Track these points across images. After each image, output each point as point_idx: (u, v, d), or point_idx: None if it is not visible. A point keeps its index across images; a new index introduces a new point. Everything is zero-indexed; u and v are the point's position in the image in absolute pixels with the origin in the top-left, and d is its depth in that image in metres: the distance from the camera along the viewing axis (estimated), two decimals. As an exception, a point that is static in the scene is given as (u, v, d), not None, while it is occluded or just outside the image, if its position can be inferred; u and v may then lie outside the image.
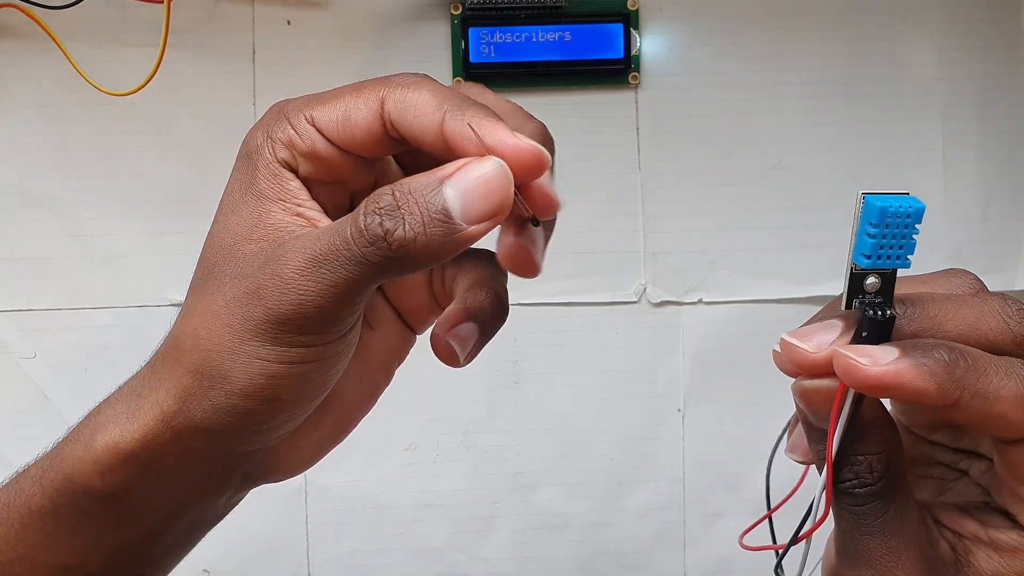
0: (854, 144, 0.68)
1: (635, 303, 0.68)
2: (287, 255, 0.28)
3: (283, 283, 0.28)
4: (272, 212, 0.30)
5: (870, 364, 0.26)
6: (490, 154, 0.28)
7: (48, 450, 0.33)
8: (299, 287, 0.28)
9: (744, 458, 0.68)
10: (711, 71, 0.67)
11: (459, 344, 0.31)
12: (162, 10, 0.60)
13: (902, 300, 0.28)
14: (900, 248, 0.27)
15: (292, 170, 0.30)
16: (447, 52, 0.66)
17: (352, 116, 0.29)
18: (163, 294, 0.65)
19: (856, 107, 0.68)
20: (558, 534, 0.69)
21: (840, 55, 0.68)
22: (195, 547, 0.35)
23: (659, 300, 0.68)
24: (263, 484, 0.34)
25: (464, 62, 0.65)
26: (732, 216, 0.68)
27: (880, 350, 0.26)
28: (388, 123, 0.29)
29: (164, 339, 0.31)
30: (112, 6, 0.65)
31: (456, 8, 0.66)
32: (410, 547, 0.68)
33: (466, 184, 0.27)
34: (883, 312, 0.27)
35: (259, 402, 0.29)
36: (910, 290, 0.29)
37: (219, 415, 0.29)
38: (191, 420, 0.30)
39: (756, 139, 0.68)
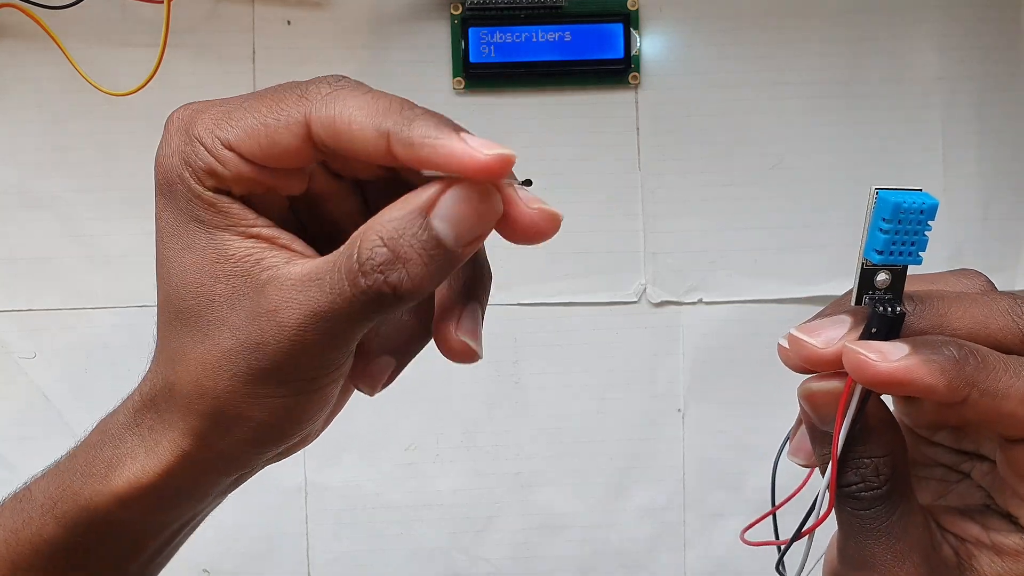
0: (854, 144, 0.68)
1: (635, 303, 0.68)
2: (284, 309, 0.27)
3: (286, 338, 0.27)
4: (228, 242, 0.28)
5: (881, 360, 0.26)
6: (468, 170, 0.26)
7: (47, 472, 0.33)
8: (303, 341, 0.27)
9: (744, 458, 0.68)
10: (711, 71, 0.67)
11: (471, 338, 0.30)
12: (162, 10, 0.60)
13: (911, 297, 0.28)
14: (912, 244, 0.27)
15: (225, 192, 0.29)
16: (447, 52, 0.66)
17: (276, 139, 0.28)
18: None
19: (856, 107, 0.68)
20: (558, 534, 0.69)
21: (840, 55, 0.68)
22: (194, 547, 0.36)
23: (659, 300, 0.68)
24: None
25: (464, 62, 0.65)
26: (732, 216, 0.68)
27: (890, 346, 0.26)
28: (319, 143, 0.28)
29: (152, 377, 0.30)
30: (112, 6, 0.65)
31: (456, 8, 0.66)
32: (410, 547, 0.68)
33: (455, 213, 0.26)
34: (893, 308, 0.27)
35: (281, 427, 0.30)
36: (919, 288, 0.29)
37: (242, 445, 0.30)
38: (213, 453, 0.30)
39: (756, 139, 0.68)
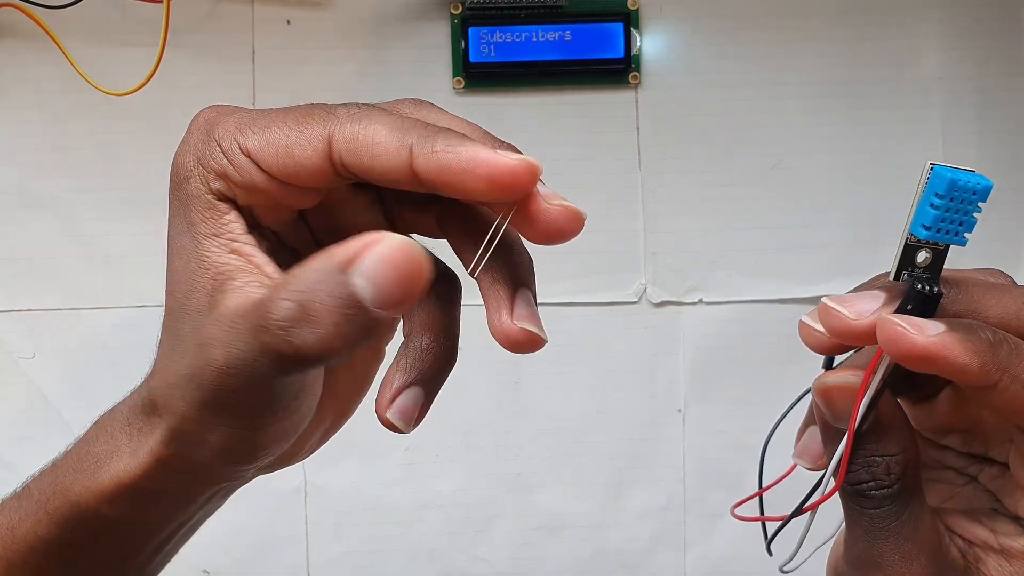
0: (854, 144, 0.68)
1: (635, 303, 0.68)
2: (213, 346, 0.26)
3: (213, 376, 0.26)
4: (208, 250, 0.28)
5: (917, 333, 0.26)
6: (494, 178, 0.26)
7: (45, 469, 0.32)
8: (226, 385, 0.26)
9: (744, 458, 0.68)
10: (711, 71, 0.67)
11: (401, 420, 0.30)
12: (161, 10, 0.60)
13: (947, 280, 0.28)
14: (960, 225, 0.27)
15: (228, 200, 0.28)
16: (447, 52, 0.66)
17: (296, 153, 0.27)
18: (163, 294, 0.65)
19: (856, 107, 0.68)
20: (558, 534, 0.69)
21: (840, 55, 0.68)
22: (194, 548, 0.36)
23: (659, 300, 0.68)
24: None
25: (464, 62, 0.65)
26: (732, 216, 0.68)
27: (926, 322, 0.26)
28: (338, 163, 0.27)
29: (147, 379, 0.30)
30: (112, 6, 0.65)
31: (456, 8, 0.66)
32: (410, 547, 0.68)
33: (375, 270, 0.24)
34: (931, 288, 0.27)
35: (240, 452, 0.29)
36: (956, 272, 0.29)
37: (212, 461, 0.29)
38: (187, 463, 0.29)
39: (756, 139, 0.68)
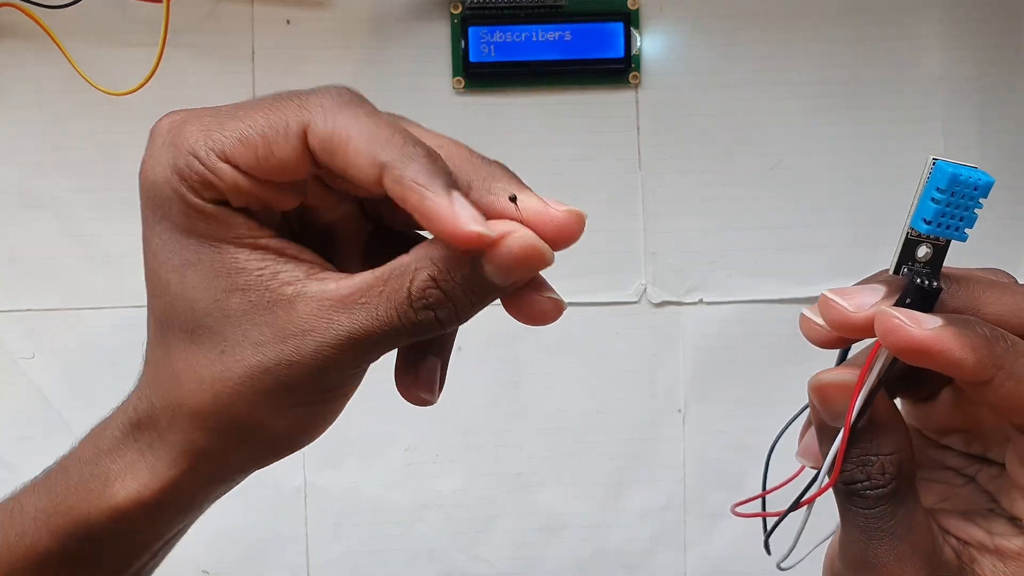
0: (854, 144, 0.68)
1: (635, 303, 0.68)
2: (324, 329, 0.27)
3: (322, 357, 0.28)
4: (236, 254, 0.28)
5: (915, 326, 0.26)
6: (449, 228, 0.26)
7: (35, 483, 0.32)
8: (337, 359, 0.28)
9: (744, 458, 0.68)
10: (711, 71, 0.67)
11: (427, 391, 0.31)
12: (161, 9, 0.60)
13: (947, 276, 0.28)
14: (960, 220, 0.27)
15: (223, 203, 0.28)
16: (447, 51, 0.66)
17: (273, 151, 0.27)
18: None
19: (856, 107, 0.68)
20: (558, 534, 0.69)
21: (840, 55, 0.68)
22: (194, 548, 0.36)
23: (659, 300, 0.68)
24: None
25: (464, 61, 0.65)
26: (732, 216, 0.68)
27: (924, 316, 0.27)
28: (315, 155, 0.27)
29: (149, 394, 0.30)
30: (111, 6, 0.65)
31: (456, 7, 0.66)
32: (410, 547, 0.68)
33: (509, 263, 0.27)
34: (931, 282, 0.27)
35: (297, 438, 0.30)
36: (957, 269, 0.29)
37: (250, 457, 0.30)
38: (217, 467, 0.30)
39: (756, 139, 0.68)
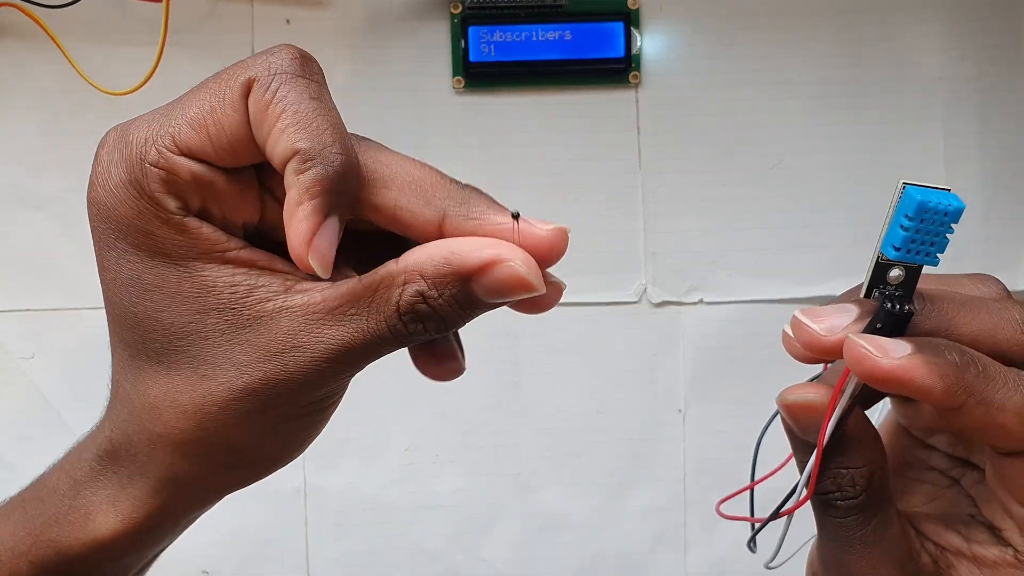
0: (854, 144, 0.68)
1: (635, 303, 0.68)
2: (313, 344, 0.27)
3: (312, 372, 0.27)
4: (204, 272, 0.27)
5: (882, 356, 0.26)
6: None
7: (7, 508, 0.32)
8: (326, 374, 0.27)
9: (744, 458, 0.67)
10: (711, 71, 0.67)
11: (454, 360, 0.31)
12: (161, 9, 0.60)
13: (922, 296, 0.27)
14: (931, 245, 0.27)
15: (189, 212, 0.27)
16: (447, 51, 0.66)
17: (223, 122, 0.26)
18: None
19: (856, 107, 0.68)
20: (558, 534, 0.69)
21: (840, 55, 0.67)
22: (194, 549, 0.36)
23: (659, 300, 0.68)
24: None
25: (464, 61, 0.65)
26: (732, 216, 0.68)
27: (893, 343, 0.26)
28: (250, 121, 0.27)
29: (122, 424, 0.29)
30: (111, 5, 0.64)
31: (456, 7, 0.66)
32: (410, 548, 0.68)
33: (499, 288, 0.27)
34: (902, 306, 0.27)
35: (285, 454, 0.30)
36: (931, 287, 0.28)
37: (236, 478, 0.30)
38: (202, 491, 0.30)
39: (756, 139, 0.68)
